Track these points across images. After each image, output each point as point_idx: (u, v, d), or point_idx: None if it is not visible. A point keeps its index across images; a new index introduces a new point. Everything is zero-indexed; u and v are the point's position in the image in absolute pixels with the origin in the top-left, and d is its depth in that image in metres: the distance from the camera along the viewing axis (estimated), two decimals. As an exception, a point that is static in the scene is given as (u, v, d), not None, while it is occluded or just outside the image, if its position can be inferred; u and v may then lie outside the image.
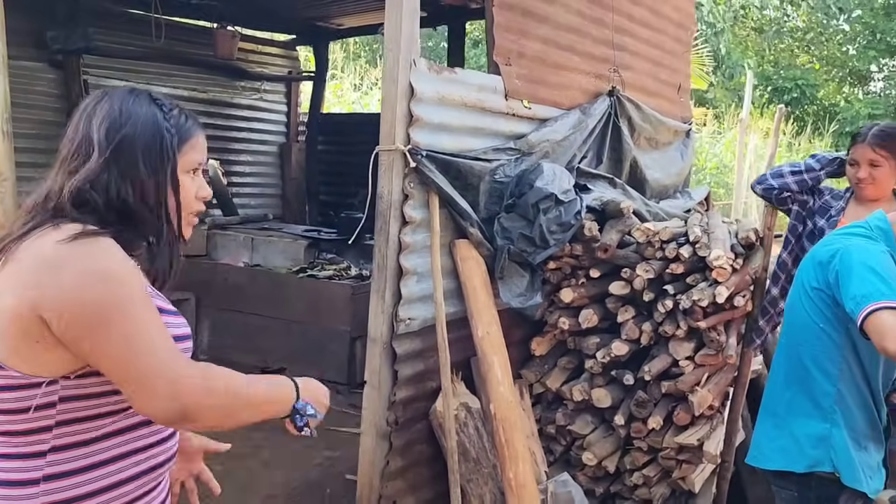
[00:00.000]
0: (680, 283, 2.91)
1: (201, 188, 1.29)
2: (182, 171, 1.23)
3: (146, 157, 1.18)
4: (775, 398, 2.02)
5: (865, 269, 1.76)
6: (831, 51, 25.36)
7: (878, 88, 25.14)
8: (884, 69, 24.78)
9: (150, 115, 1.20)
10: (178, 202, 1.22)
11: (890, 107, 22.48)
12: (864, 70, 24.87)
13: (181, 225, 1.25)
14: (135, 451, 1.20)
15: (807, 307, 1.92)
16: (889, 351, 1.65)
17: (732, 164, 13.45)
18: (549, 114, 3.26)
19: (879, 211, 2.05)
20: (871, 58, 23.93)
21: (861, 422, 1.89)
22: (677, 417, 2.90)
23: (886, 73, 24.71)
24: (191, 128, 1.25)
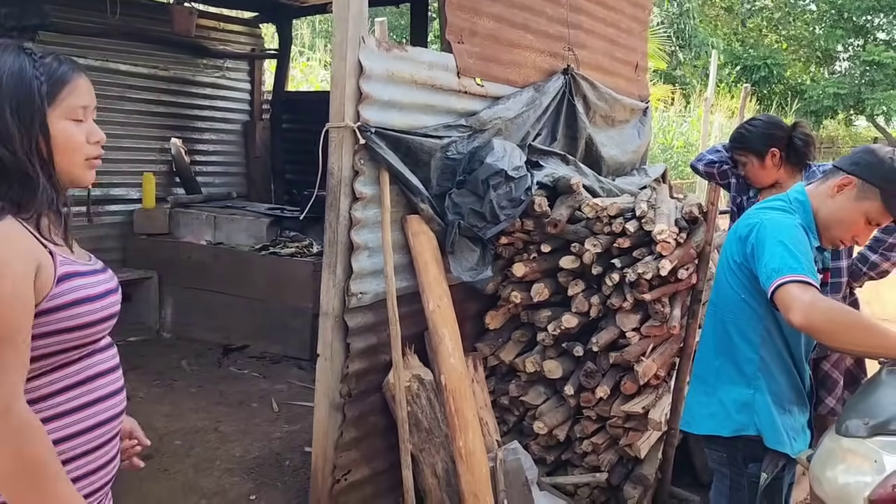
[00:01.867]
0: (627, 257, 3.00)
1: (92, 132, 1.26)
2: (63, 118, 1.22)
3: (13, 108, 1.16)
4: (704, 366, 2.11)
5: (777, 243, 1.84)
6: (798, 30, 25.64)
7: (843, 68, 25.49)
8: (849, 49, 25.12)
9: (17, 65, 1.18)
10: (49, 149, 1.20)
11: (854, 86, 22.82)
12: (831, 50, 25.19)
13: (66, 171, 1.23)
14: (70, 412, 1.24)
15: (730, 280, 2.01)
16: (794, 322, 1.74)
17: (699, 142, 13.60)
18: (503, 91, 3.31)
19: (799, 184, 2.13)
20: (838, 37, 24.23)
21: (784, 387, 1.98)
22: (624, 387, 3.00)
23: (851, 52, 25.05)
24: (66, 72, 1.23)
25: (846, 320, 1.75)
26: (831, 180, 2.02)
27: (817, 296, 1.75)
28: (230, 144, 6.84)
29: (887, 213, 1.95)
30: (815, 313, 1.72)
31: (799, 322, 1.73)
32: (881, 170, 1.95)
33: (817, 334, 1.77)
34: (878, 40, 23.98)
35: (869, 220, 1.98)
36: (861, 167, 1.98)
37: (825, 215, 2.00)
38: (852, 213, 1.98)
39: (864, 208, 1.96)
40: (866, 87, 22.71)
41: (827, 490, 1.67)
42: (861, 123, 27.23)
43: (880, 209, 1.95)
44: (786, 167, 2.97)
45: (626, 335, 2.99)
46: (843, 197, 1.98)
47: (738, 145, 3.01)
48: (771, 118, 3.11)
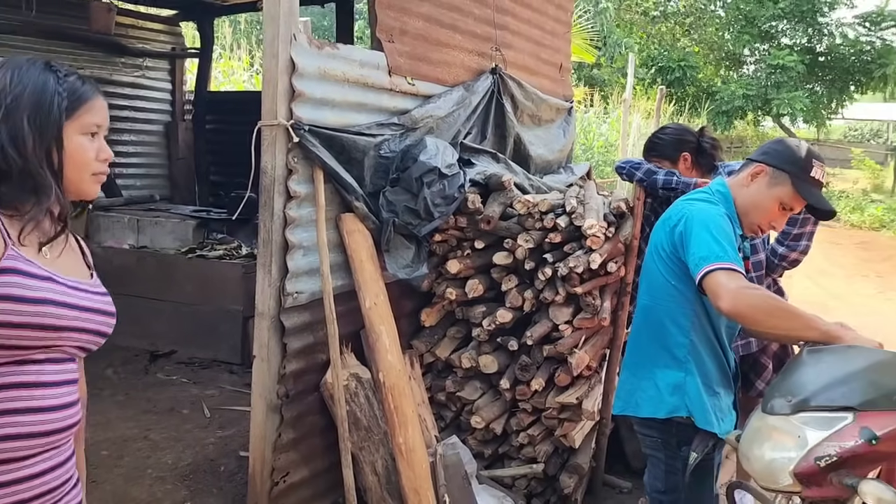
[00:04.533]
0: (558, 252, 3.07)
1: (101, 150, 1.34)
2: (78, 133, 1.29)
3: (32, 116, 1.25)
4: (638, 352, 2.19)
5: (705, 231, 1.94)
6: (709, 35, 26.70)
7: (750, 71, 26.69)
8: (755, 53, 26.33)
9: (42, 80, 1.27)
10: (61, 160, 1.27)
11: (761, 88, 23.94)
12: (739, 54, 26.35)
13: (74, 182, 1.30)
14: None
15: (660, 268, 2.10)
16: (722, 308, 1.84)
17: (618, 142, 14.01)
18: (433, 90, 3.34)
19: (719, 178, 2.25)
20: (745, 42, 25.36)
21: (712, 369, 2.08)
22: (558, 379, 3.07)
23: (758, 56, 26.26)
24: (86, 91, 1.31)
25: (769, 306, 1.85)
26: (746, 171, 2.15)
27: (743, 282, 1.85)
28: (151, 146, 6.64)
29: (798, 197, 2.08)
30: (741, 299, 1.82)
31: (726, 308, 1.83)
32: (789, 156, 2.09)
33: (742, 319, 1.87)
34: (783, 45, 25.22)
35: (783, 205, 2.10)
36: (771, 155, 2.12)
37: (743, 203, 2.12)
38: (767, 199, 2.10)
39: (777, 194, 2.09)
40: (772, 89, 23.84)
41: (755, 467, 1.76)
42: (768, 124, 28.61)
43: (792, 194, 2.08)
44: (696, 169, 3.17)
45: (559, 328, 3.07)
46: (758, 184, 2.11)
47: (653, 152, 3.25)
48: (680, 126, 3.33)
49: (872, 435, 1.59)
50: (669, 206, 3.18)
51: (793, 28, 25.23)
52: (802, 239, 2.99)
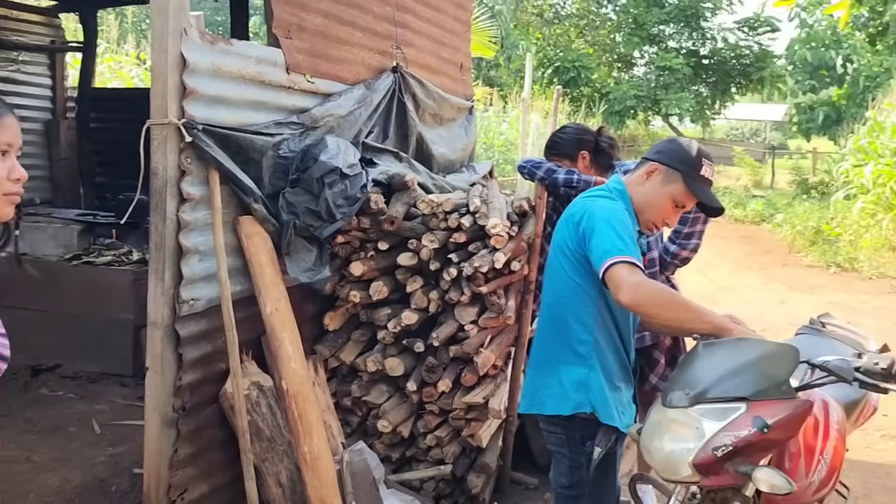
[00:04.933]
0: (463, 252, 3.07)
1: (13, 169, 1.31)
2: None
3: None
4: (543, 350, 2.21)
5: (607, 226, 1.99)
6: (602, 37, 27.65)
7: (640, 73, 27.84)
8: (645, 55, 27.47)
9: None
10: None
11: (651, 89, 25.00)
12: (630, 56, 27.42)
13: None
14: None
15: (564, 265, 2.12)
16: (622, 301, 1.89)
17: (518, 141, 14.23)
18: (333, 89, 3.26)
19: (616, 176, 2.31)
20: (635, 45, 26.42)
21: (614, 365, 2.12)
22: (465, 379, 3.07)
23: (647, 58, 27.40)
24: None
25: (666, 300, 1.91)
26: (641, 169, 2.22)
27: (643, 277, 1.90)
28: (30, 146, 6.19)
29: (690, 194, 2.16)
30: (641, 293, 1.87)
31: (626, 300, 1.87)
32: (681, 156, 2.18)
33: (641, 312, 1.92)
34: (670, 48, 26.44)
35: (676, 202, 2.18)
36: (663, 154, 2.20)
37: (639, 201, 2.18)
38: (661, 196, 2.17)
39: (671, 191, 2.16)
40: (661, 90, 24.98)
41: (656, 459, 1.80)
42: (657, 123, 29.92)
43: (684, 191, 2.16)
44: (595, 168, 3.25)
45: (464, 328, 3.07)
46: (652, 182, 2.18)
47: (553, 151, 3.31)
48: (579, 126, 3.40)
49: (764, 424, 1.66)
50: (570, 203, 3.28)
51: (679, 32, 26.50)
52: (693, 237, 3.11)
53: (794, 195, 17.86)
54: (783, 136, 36.05)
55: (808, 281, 9.86)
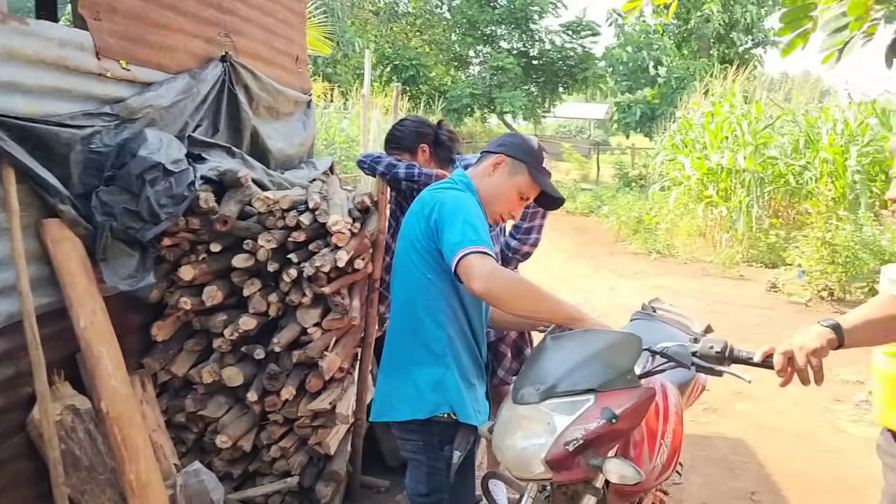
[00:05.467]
0: (303, 251, 2.91)
1: None
2: None
3: None
4: (396, 352, 2.11)
5: (458, 218, 1.93)
6: (438, 36, 28.09)
7: (476, 72, 28.58)
8: (479, 55, 28.22)
9: None
10: None
11: (486, 87, 25.74)
12: (465, 55, 28.07)
13: None
14: None
15: (414, 260, 2.04)
16: (475, 290, 1.83)
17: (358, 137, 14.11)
18: (154, 77, 2.98)
19: (459, 169, 2.27)
20: (469, 44, 27.09)
21: (468, 361, 2.07)
22: (310, 385, 2.92)
23: (482, 58, 28.17)
24: None
25: (521, 288, 1.87)
26: (486, 161, 2.19)
27: (495, 265, 1.85)
28: None
29: (535, 185, 2.17)
30: (494, 281, 1.82)
31: (479, 289, 1.82)
32: (525, 148, 2.19)
33: (495, 301, 1.87)
34: (502, 48, 27.34)
35: (521, 194, 2.17)
36: (507, 146, 2.19)
37: (486, 193, 2.15)
38: (507, 188, 2.15)
39: (516, 183, 2.15)
40: (495, 89, 25.78)
41: (508, 457, 1.76)
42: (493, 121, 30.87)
43: (529, 182, 2.16)
44: (435, 161, 3.21)
45: (307, 331, 2.91)
46: (499, 174, 2.16)
47: (394, 145, 3.23)
48: (419, 119, 3.34)
49: (612, 414, 1.66)
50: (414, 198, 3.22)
51: (510, 33, 27.47)
52: (532, 232, 3.15)
53: (617, 188, 19.06)
54: (605, 133, 38.47)
55: (633, 267, 10.54)
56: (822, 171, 10.99)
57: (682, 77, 24.49)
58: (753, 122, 11.90)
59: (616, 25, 27.09)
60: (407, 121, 3.25)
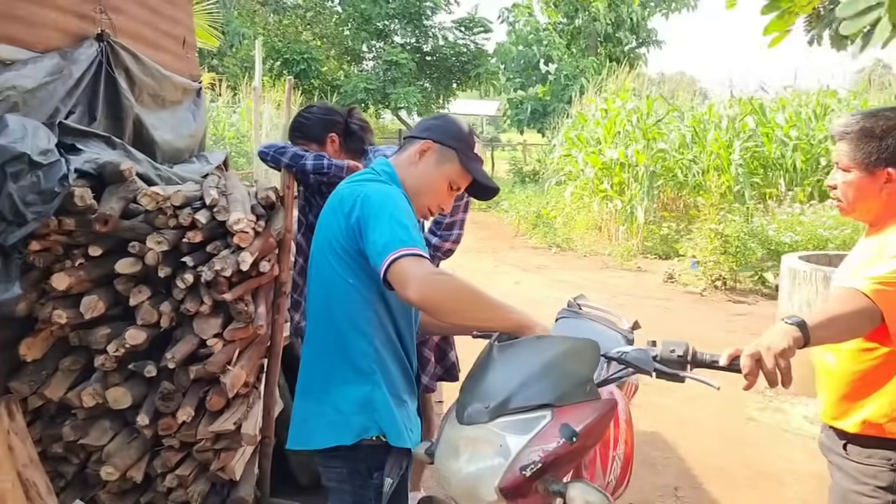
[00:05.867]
0: (200, 253, 2.59)
1: None
2: None
3: None
4: (314, 371, 1.84)
5: (386, 216, 1.69)
6: (329, 30, 27.52)
7: (369, 67, 28.20)
8: (373, 49, 27.86)
9: None
10: None
11: (380, 82, 25.43)
12: (358, 49, 27.63)
13: None
14: None
15: (333, 264, 1.78)
16: (411, 298, 1.59)
17: (250, 132, 13.54)
18: (15, 56, 2.57)
19: (381, 158, 2.02)
20: (363, 39, 26.68)
21: (398, 377, 1.83)
22: (210, 403, 2.60)
23: (375, 53, 27.81)
24: None
25: (462, 294, 1.65)
26: (411, 148, 1.96)
27: (432, 268, 1.62)
28: None
29: (466, 173, 1.96)
30: (432, 287, 1.59)
31: (416, 298, 1.58)
32: (454, 132, 1.96)
33: (435, 309, 1.63)
34: (396, 43, 27.09)
35: (451, 184, 1.96)
36: (435, 131, 1.96)
37: (413, 184, 1.92)
38: (436, 178, 1.94)
39: (446, 171, 1.94)
40: (390, 84, 25.51)
41: (454, 483, 1.55)
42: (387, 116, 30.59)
43: (460, 171, 1.95)
44: (345, 152, 2.96)
45: (207, 344, 2.59)
46: (426, 162, 1.94)
47: (299, 134, 2.97)
48: (327, 106, 3.08)
49: (573, 432, 1.48)
50: (323, 193, 2.94)
51: (403, 28, 27.25)
52: (455, 227, 2.95)
53: (513, 183, 19.26)
54: (495, 129, 38.97)
55: (534, 262, 10.58)
56: (709, 165, 11.42)
57: (572, 74, 25.07)
58: (644, 118, 12.24)
59: (508, 22, 27.43)
60: (314, 108, 2.97)
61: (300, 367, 1.87)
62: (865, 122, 1.95)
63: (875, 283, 1.76)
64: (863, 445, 2.02)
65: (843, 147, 1.99)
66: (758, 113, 11.77)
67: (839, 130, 2.00)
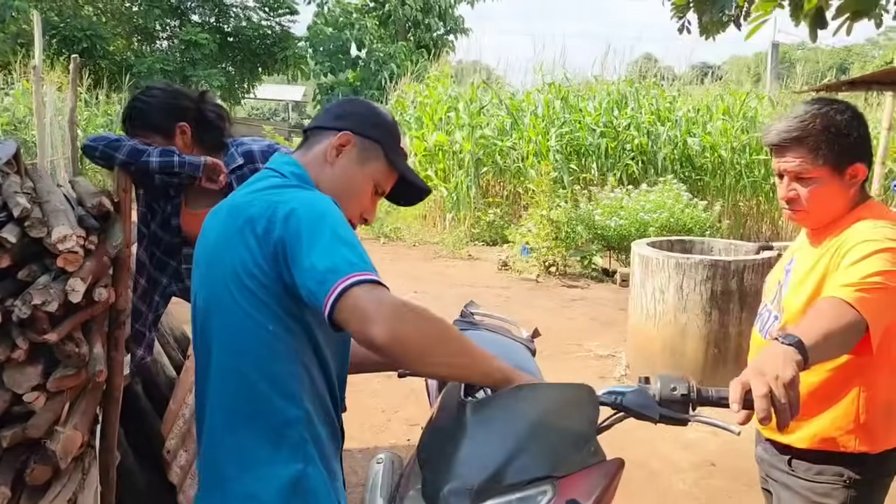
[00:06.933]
0: (9, 282, 1.95)
1: None
2: None
3: None
4: (217, 452, 1.35)
5: (325, 231, 1.24)
6: (116, 5, 25.14)
7: (165, 46, 26.12)
8: (168, 28, 25.82)
9: None
10: None
11: (178, 64, 23.65)
12: (151, 28, 25.47)
13: None
14: None
15: (244, 305, 1.31)
16: (377, 341, 1.17)
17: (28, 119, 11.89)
18: None
19: (283, 155, 1.56)
20: (156, 17, 24.62)
21: (327, 441, 1.40)
22: (32, 476, 1.98)
23: (171, 32, 25.79)
24: None
25: (441, 333, 1.25)
26: (324, 142, 1.53)
27: (397, 299, 1.21)
28: None
29: (392, 172, 1.57)
30: (404, 323, 1.19)
31: (384, 338, 1.17)
32: (375, 120, 1.56)
33: (404, 354, 1.21)
34: (194, 22, 25.29)
35: (376, 187, 1.56)
36: (351, 120, 1.54)
37: (332, 187, 1.49)
38: (361, 179, 1.53)
39: (371, 171, 1.54)
40: (189, 66, 23.78)
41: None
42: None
43: (385, 170, 1.56)
44: (198, 147, 2.41)
45: (23, 400, 1.96)
46: (346, 160, 1.52)
47: (138, 123, 2.36)
48: (173, 88, 2.49)
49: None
50: (172, 198, 2.38)
51: (201, 6, 25.51)
52: None
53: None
54: (299, 116, 37.94)
55: (366, 254, 10.23)
56: (528, 151, 11.69)
57: (383, 60, 24.89)
58: (468, 105, 12.27)
59: (317, 4, 26.61)
60: (155, 90, 2.38)
61: (200, 448, 1.38)
62: (824, 120, 1.78)
63: (855, 290, 1.61)
64: (811, 461, 1.90)
65: (802, 153, 1.80)
66: (565, 100, 12.23)
67: (789, 136, 1.81)
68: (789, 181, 1.85)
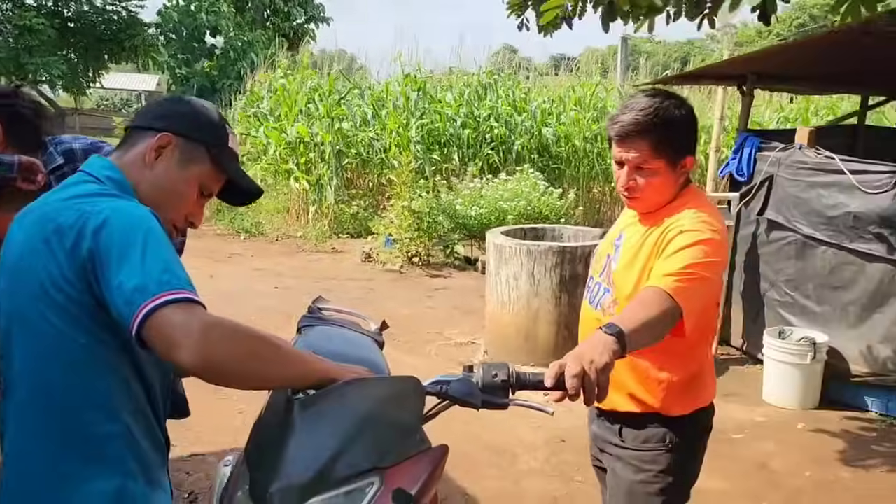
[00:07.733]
0: None
1: None
2: None
3: None
4: (28, 474, 1.28)
5: (136, 245, 1.20)
6: (-67, -16, 22.79)
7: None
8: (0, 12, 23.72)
9: None
10: None
11: (13, 51, 21.86)
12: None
13: None
14: None
15: (52, 318, 1.24)
16: (185, 364, 1.15)
17: None
18: None
19: (100, 158, 1.49)
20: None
21: (150, 453, 1.36)
22: None
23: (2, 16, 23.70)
24: None
25: (257, 349, 1.24)
26: (141, 144, 1.48)
27: (209, 317, 1.19)
28: None
29: (220, 173, 1.54)
30: (215, 346, 1.17)
31: (193, 362, 1.15)
32: (200, 120, 1.52)
33: (219, 375, 1.20)
34: (28, 6, 23.37)
35: (202, 189, 1.52)
36: (175, 120, 1.49)
37: (150, 192, 1.44)
38: (182, 182, 1.49)
39: (195, 173, 1.50)
40: (24, 53, 21.98)
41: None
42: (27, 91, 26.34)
43: (211, 172, 1.52)
44: (12, 145, 2.24)
45: None
46: (166, 162, 1.47)
47: None
48: None
49: (408, 497, 1.21)
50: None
51: (34, -13, 23.63)
52: None
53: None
54: (154, 105, 36.13)
55: (226, 250, 9.90)
56: (390, 142, 11.72)
57: (241, 49, 24.09)
58: (326, 96, 12.11)
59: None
60: None
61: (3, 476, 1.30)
62: (665, 115, 1.89)
63: (674, 280, 1.76)
64: (637, 427, 2.06)
65: (643, 146, 1.90)
66: (423, 91, 12.35)
67: (633, 129, 1.91)
68: (630, 171, 1.97)
